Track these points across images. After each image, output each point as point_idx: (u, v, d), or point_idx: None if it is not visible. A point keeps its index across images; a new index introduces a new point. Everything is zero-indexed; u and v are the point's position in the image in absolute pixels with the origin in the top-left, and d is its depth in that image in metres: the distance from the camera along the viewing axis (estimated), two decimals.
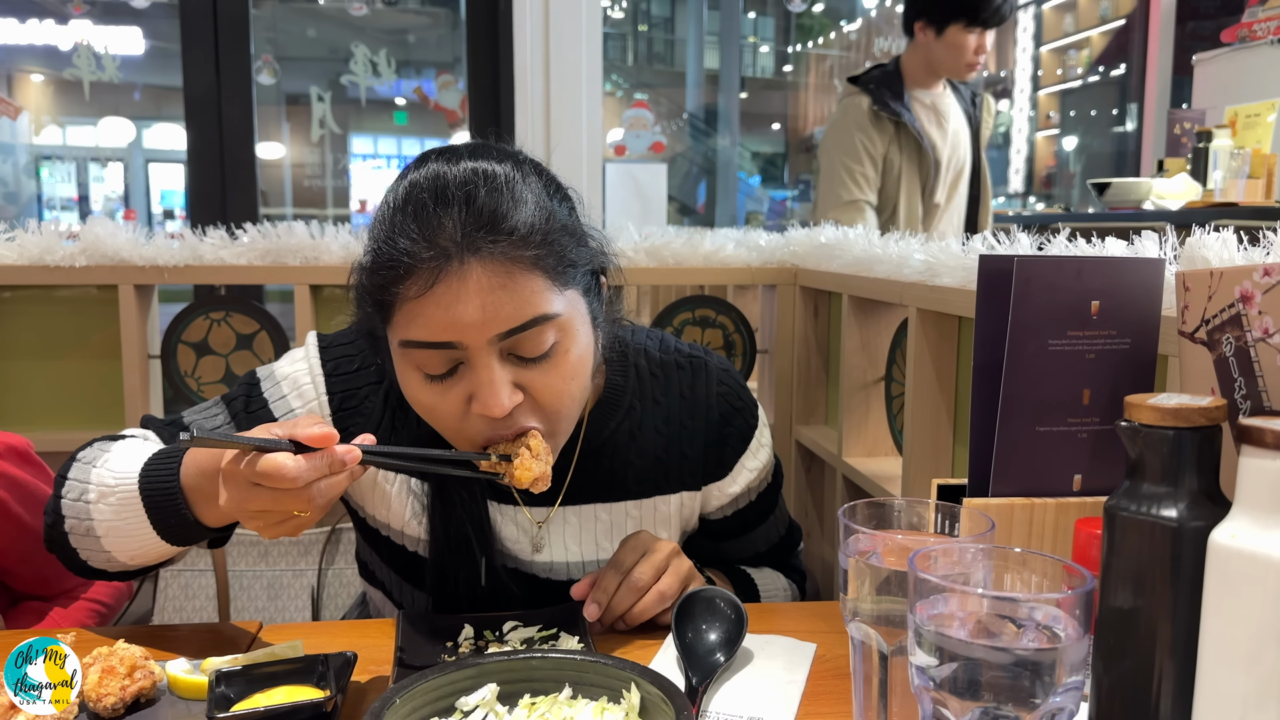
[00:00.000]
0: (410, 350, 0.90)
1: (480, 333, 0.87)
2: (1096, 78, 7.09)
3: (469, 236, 0.86)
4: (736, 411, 1.13)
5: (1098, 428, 0.80)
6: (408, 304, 0.87)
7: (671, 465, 1.11)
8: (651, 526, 1.12)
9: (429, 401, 0.92)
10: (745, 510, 1.18)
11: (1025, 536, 0.79)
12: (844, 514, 0.73)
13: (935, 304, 1.32)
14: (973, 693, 0.60)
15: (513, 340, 0.88)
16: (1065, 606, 0.59)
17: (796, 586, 1.26)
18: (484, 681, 0.78)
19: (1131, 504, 0.62)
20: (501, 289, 0.86)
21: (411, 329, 0.88)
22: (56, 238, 1.81)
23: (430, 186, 0.88)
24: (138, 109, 5.17)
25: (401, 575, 1.13)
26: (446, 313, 0.86)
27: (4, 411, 1.92)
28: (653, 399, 1.11)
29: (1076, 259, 0.78)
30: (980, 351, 0.80)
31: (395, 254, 0.87)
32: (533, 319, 0.88)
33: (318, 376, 1.07)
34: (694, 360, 1.14)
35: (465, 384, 0.90)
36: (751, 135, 8.58)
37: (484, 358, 0.88)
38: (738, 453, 1.14)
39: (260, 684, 0.82)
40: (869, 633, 0.71)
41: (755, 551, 1.23)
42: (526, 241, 0.88)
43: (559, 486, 1.08)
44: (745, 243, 2.04)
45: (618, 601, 0.99)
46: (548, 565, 1.10)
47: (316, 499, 0.79)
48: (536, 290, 0.88)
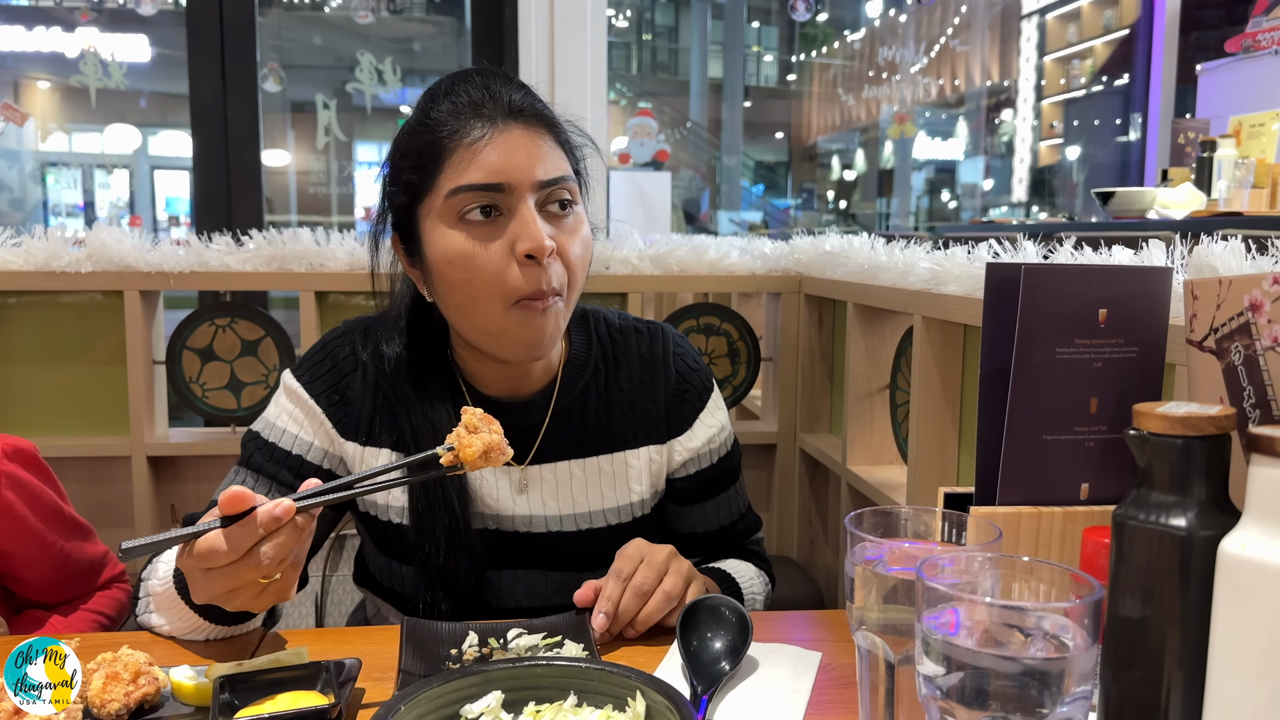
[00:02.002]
0: (459, 197, 1.02)
1: (527, 175, 1.02)
2: (1100, 87, 7.09)
3: (514, 104, 1.05)
4: (693, 371, 1.24)
5: (1105, 436, 0.80)
6: (462, 150, 1.03)
7: (637, 420, 1.20)
8: (624, 480, 1.19)
9: (471, 250, 1.02)
10: (707, 472, 1.25)
11: (1032, 545, 0.79)
12: (850, 522, 0.72)
13: (940, 312, 1.32)
14: (980, 702, 0.59)
15: (548, 191, 1.04)
16: (1073, 616, 0.59)
17: (766, 575, 1.30)
18: (489, 689, 0.78)
19: (1140, 513, 0.61)
20: (538, 147, 1.04)
21: (467, 173, 1.02)
22: (63, 244, 1.82)
23: (475, 82, 1.07)
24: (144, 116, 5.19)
25: (390, 554, 1.18)
26: (499, 155, 1.02)
27: (9, 416, 1.92)
28: (614, 360, 1.21)
29: (1084, 267, 0.78)
30: (987, 359, 0.80)
31: (450, 121, 1.04)
32: (563, 175, 1.06)
33: (303, 394, 1.15)
34: (650, 326, 1.25)
35: (507, 232, 1.02)
36: (755, 144, 8.59)
37: (527, 201, 1.03)
38: (696, 409, 1.23)
39: (264, 690, 0.82)
40: (875, 641, 0.71)
41: (719, 524, 1.28)
42: (541, 119, 1.06)
43: (533, 442, 1.16)
44: (750, 250, 2.04)
45: (624, 608, 1.00)
46: (527, 519, 1.16)
47: (267, 563, 0.81)
48: (561, 156, 1.07)
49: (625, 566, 1.02)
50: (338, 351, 1.17)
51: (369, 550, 1.24)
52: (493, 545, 1.16)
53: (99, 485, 1.93)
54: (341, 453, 1.15)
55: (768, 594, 1.29)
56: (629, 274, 1.97)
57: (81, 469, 1.89)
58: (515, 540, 1.17)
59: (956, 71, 7.59)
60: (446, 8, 5.31)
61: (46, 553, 1.18)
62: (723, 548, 1.30)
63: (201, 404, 1.93)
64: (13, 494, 1.14)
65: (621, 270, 1.97)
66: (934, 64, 7.31)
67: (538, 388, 1.17)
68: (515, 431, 1.13)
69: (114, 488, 1.93)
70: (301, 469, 1.13)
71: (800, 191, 8.87)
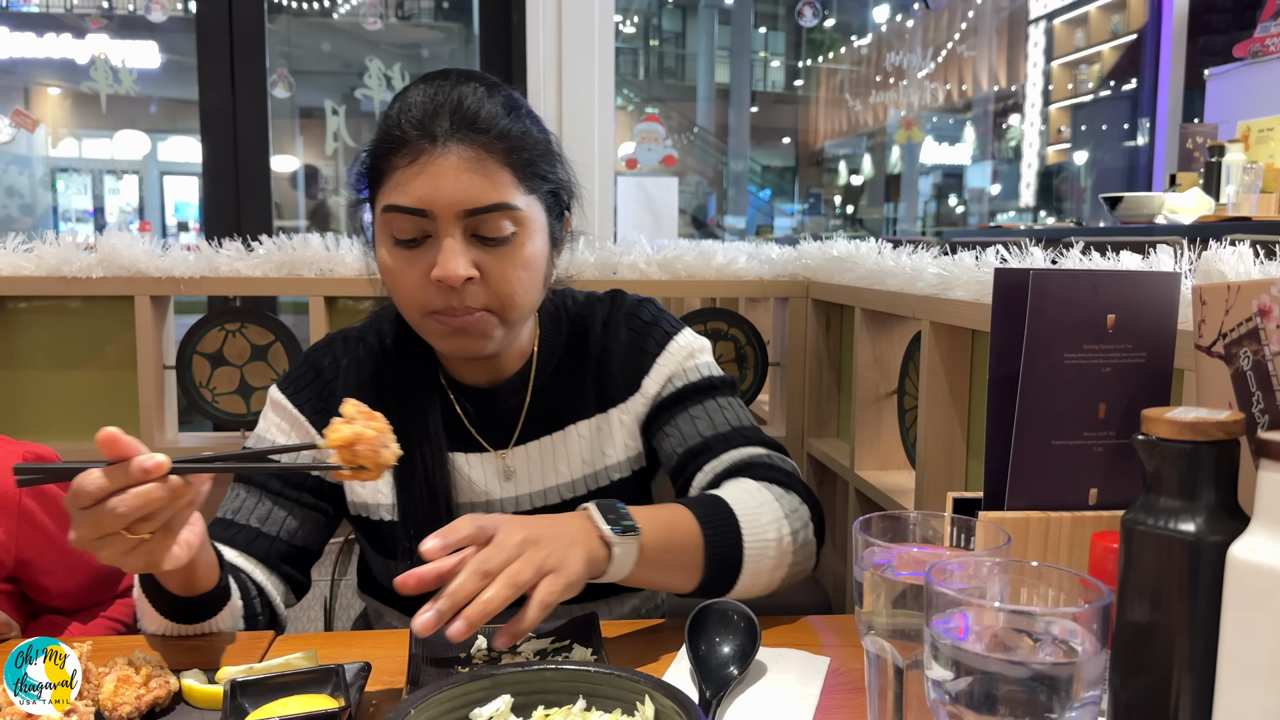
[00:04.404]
0: (390, 215, 1.04)
1: (449, 205, 1.02)
2: (1108, 92, 7.09)
3: (455, 127, 1.03)
4: (647, 324, 1.23)
5: (1113, 441, 0.80)
6: (396, 173, 1.03)
7: (604, 385, 1.21)
8: (611, 441, 1.20)
9: (397, 267, 1.05)
10: (681, 391, 1.19)
11: (1041, 550, 0.79)
12: (859, 527, 0.73)
13: (948, 317, 1.32)
14: (989, 707, 0.59)
15: (476, 220, 1.03)
16: (1082, 621, 0.59)
17: (797, 500, 1.10)
18: (498, 693, 0.78)
19: (1149, 518, 0.62)
20: (473, 173, 1.02)
21: (395, 195, 1.03)
22: (74, 249, 1.83)
23: (431, 89, 1.06)
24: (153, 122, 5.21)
25: (385, 554, 1.19)
26: (427, 182, 1.01)
27: (21, 421, 1.93)
28: (582, 334, 1.23)
29: (1092, 273, 0.78)
30: (996, 365, 0.80)
31: (395, 132, 1.04)
32: (496, 204, 1.03)
33: (288, 405, 1.18)
34: (611, 294, 1.26)
35: (430, 255, 1.03)
36: (762, 149, 8.60)
37: (449, 229, 1.02)
38: (653, 355, 1.21)
39: (274, 693, 0.82)
40: (884, 646, 0.71)
41: (700, 436, 1.16)
42: (502, 139, 1.04)
43: (516, 424, 1.18)
44: (757, 255, 2.04)
45: (456, 587, 0.84)
46: (514, 500, 1.19)
47: (126, 513, 0.79)
48: (504, 183, 1.04)
49: (465, 536, 0.88)
50: (320, 362, 1.20)
51: (369, 554, 1.25)
52: None
53: None
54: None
55: (799, 525, 1.07)
56: (636, 279, 1.98)
57: None
58: None
59: (964, 77, 7.59)
60: (455, 14, 5.33)
61: (66, 560, 1.18)
62: (725, 473, 1.13)
63: (211, 408, 1.94)
64: (33, 501, 1.14)
65: (629, 275, 1.98)
66: (941, 69, 7.31)
67: (513, 371, 1.19)
68: (498, 416, 1.19)
69: None
70: (292, 478, 1.15)
71: (807, 197, 8.87)
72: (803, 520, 1.09)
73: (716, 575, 1.02)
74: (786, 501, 1.08)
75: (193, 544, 0.89)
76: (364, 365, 1.19)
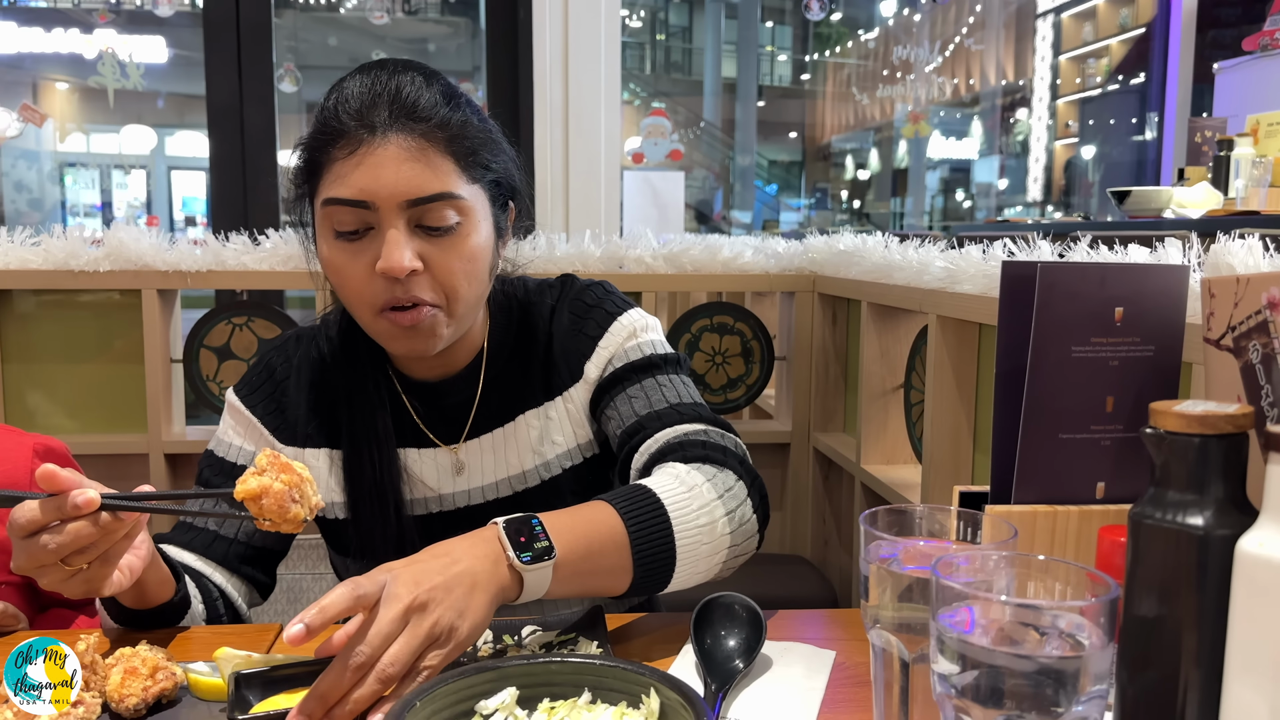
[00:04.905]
0: (331, 209, 1.02)
1: (391, 196, 1.00)
2: (1116, 86, 7.06)
3: (394, 116, 1.00)
4: (590, 306, 1.20)
5: (1121, 435, 0.80)
6: (335, 165, 1.01)
7: (550, 372, 1.19)
8: (560, 429, 1.18)
9: (340, 261, 1.03)
10: (620, 371, 1.15)
11: (1048, 544, 0.79)
12: (865, 520, 0.72)
13: (955, 311, 1.32)
14: (995, 701, 0.59)
15: (419, 210, 1.01)
16: (1089, 614, 0.59)
17: (733, 474, 1.04)
18: (503, 685, 0.78)
19: (1156, 511, 0.61)
20: (415, 162, 1.00)
21: (335, 187, 1.01)
22: (81, 243, 1.83)
23: (368, 79, 1.03)
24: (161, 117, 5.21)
25: (339, 550, 1.20)
26: (365, 174, 0.99)
27: (29, 414, 1.94)
28: (531, 323, 1.20)
29: (1100, 265, 0.78)
30: (1003, 358, 0.80)
31: (332, 123, 1.01)
32: (439, 193, 1.01)
33: (241, 408, 1.18)
34: (562, 279, 1.24)
35: (373, 248, 1.01)
36: (768, 143, 8.58)
37: (392, 220, 1.00)
38: (594, 338, 1.18)
39: (280, 685, 0.82)
40: (890, 640, 0.71)
41: (635, 415, 1.12)
42: (443, 128, 1.02)
43: (466, 419, 1.17)
44: (763, 250, 2.04)
45: (325, 689, 0.77)
46: (466, 494, 1.18)
47: (57, 549, 0.81)
48: (446, 172, 1.02)
49: (341, 610, 0.79)
50: (273, 362, 1.20)
51: (331, 555, 1.25)
52: (436, 526, 1.17)
53: (117, 482, 1.92)
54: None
55: (734, 505, 1.01)
56: (643, 273, 1.97)
57: (100, 466, 1.91)
58: (457, 517, 1.18)
59: (971, 71, 7.57)
60: (461, 8, 5.32)
61: None
62: (658, 453, 1.08)
63: (218, 402, 1.94)
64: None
65: (635, 270, 1.98)
66: (949, 63, 7.29)
67: (463, 365, 1.17)
68: (448, 410, 1.18)
69: (132, 484, 1.92)
70: None
71: (814, 191, 8.85)
72: (738, 500, 1.02)
73: (648, 572, 0.96)
74: (720, 481, 1.01)
75: (135, 568, 0.91)
76: (314, 364, 1.18)
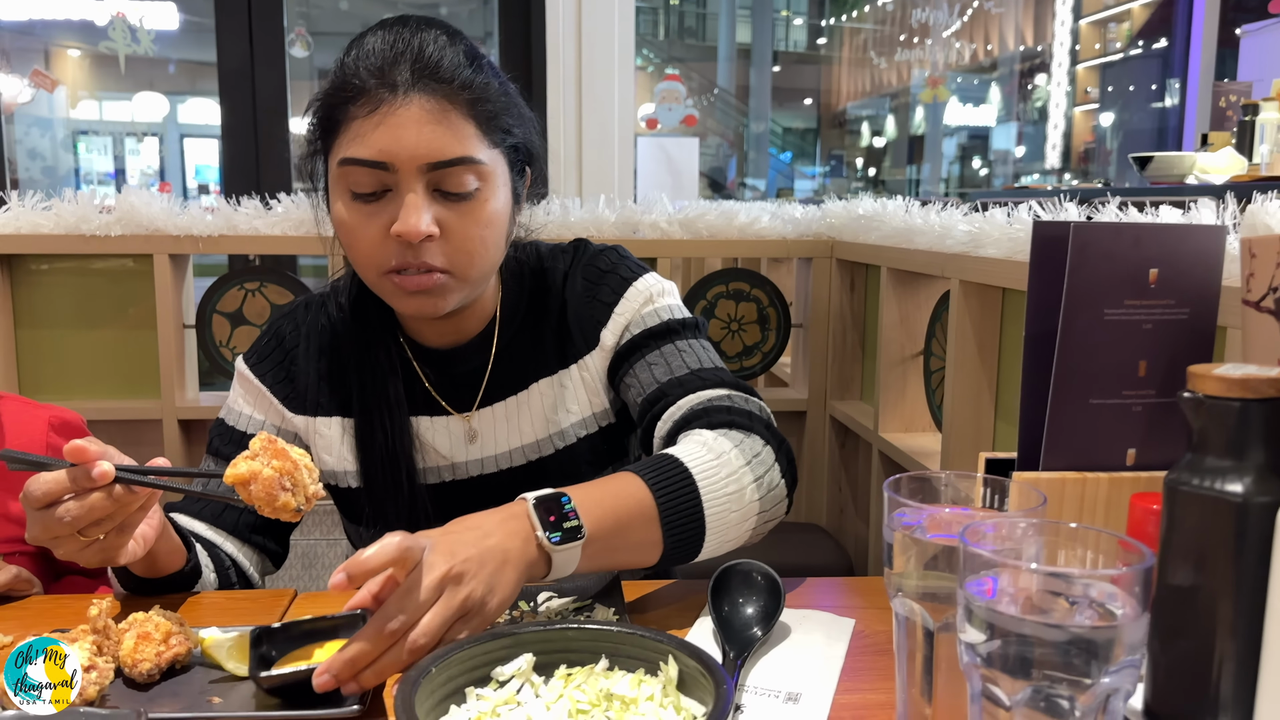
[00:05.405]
0: (347, 169, 0.99)
1: (412, 159, 0.97)
2: (1137, 51, 6.95)
3: (417, 75, 0.98)
4: (604, 272, 1.17)
5: (1154, 400, 0.78)
6: (354, 123, 0.98)
7: (564, 339, 1.17)
8: (574, 398, 1.16)
9: (354, 222, 1.01)
10: (636, 338, 1.13)
11: (1076, 511, 0.77)
12: (889, 486, 0.71)
13: (979, 275, 1.29)
14: (1024, 671, 0.58)
15: (439, 174, 0.99)
16: (1123, 584, 0.57)
17: (760, 439, 1.02)
18: (519, 651, 0.77)
19: (1193, 478, 0.59)
20: (436, 124, 0.98)
21: (353, 147, 0.98)
22: (92, 207, 1.82)
23: (390, 35, 1.01)
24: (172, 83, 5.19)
25: (351, 519, 1.19)
26: (387, 133, 0.97)
27: (42, 381, 1.93)
28: (544, 289, 1.18)
29: (1135, 225, 0.75)
30: (1033, 321, 0.77)
31: (352, 80, 0.99)
32: (460, 157, 0.99)
33: (250, 377, 1.17)
34: (575, 244, 1.21)
35: (390, 210, 0.99)
36: (783, 110, 8.50)
37: (411, 183, 0.98)
38: (610, 304, 1.15)
39: (301, 641, 0.81)
40: (914, 608, 0.69)
41: (656, 383, 1.10)
42: (465, 90, 0.99)
43: (479, 387, 1.15)
44: (780, 215, 2.02)
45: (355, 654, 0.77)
46: (479, 463, 1.16)
47: (72, 521, 0.82)
48: (467, 135, 1.00)
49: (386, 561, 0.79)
50: (282, 329, 1.18)
51: (344, 522, 1.24)
52: (449, 495, 1.16)
53: (130, 448, 1.92)
54: (293, 428, 1.16)
55: (762, 471, 1.00)
56: (658, 239, 1.95)
57: (113, 432, 1.91)
58: (470, 486, 1.16)
59: (990, 35, 7.46)
60: None
61: None
62: (682, 420, 1.06)
63: (231, 368, 1.93)
64: None
65: (650, 235, 1.95)
66: (967, 27, 7.19)
67: (475, 333, 1.15)
68: (460, 378, 1.16)
69: (145, 450, 1.93)
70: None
71: (829, 159, 8.78)
72: (766, 465, 1.00)
73: (677, 543, 0.95)
74: (747, 447, 1.00)
75: (148, 538, 0.91)
76: (324, 331, 1.16)
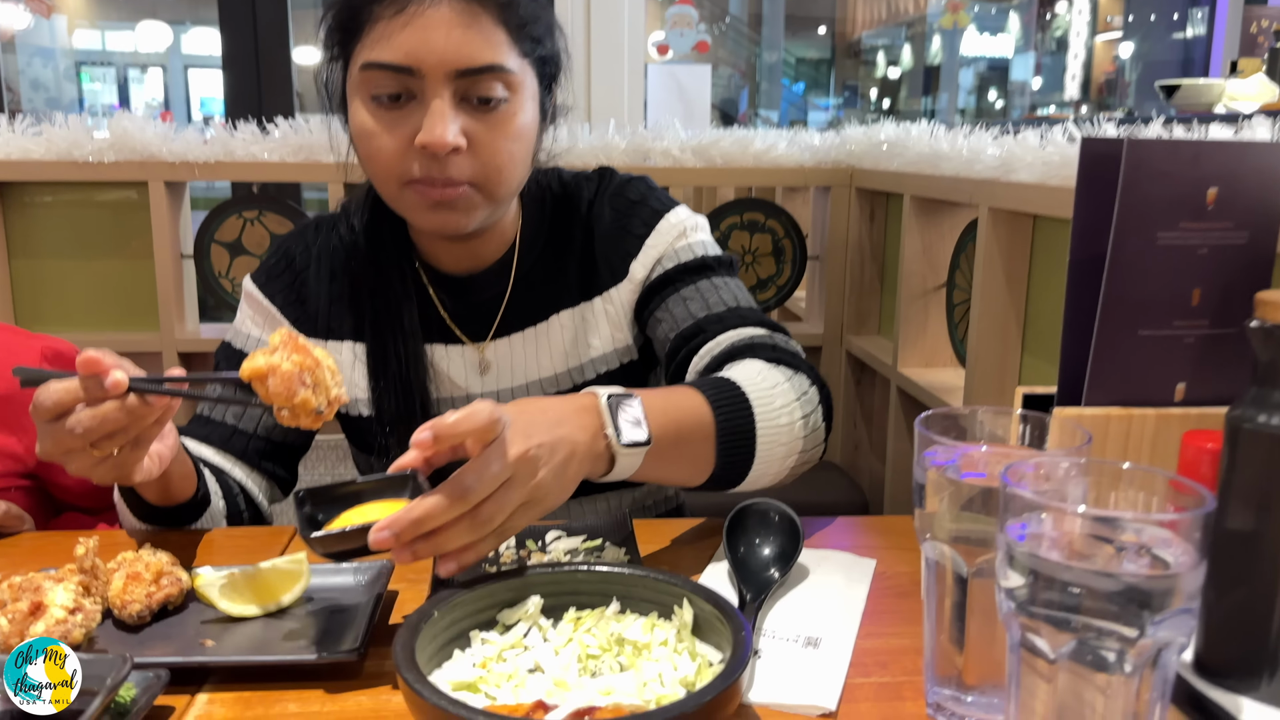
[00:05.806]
0: (370, 74, 0.95)
1: (440, 64, 0.93)
2: None
3: None
4: (633, 203, 1.12)
5: (1207, 331, 0.72)
6: (379, 24, 0.94)
7: (587, 271, 1.12)
8: (596, 331, 1.12)
9: (374, 130, 0.96)
10: (670, 273, 1.09)
11: (1121, 450, 0.72)
12: (920, 424, 0.66)
13: (1009, 202, 1.23)
14: (1069, 623, 0.53)
15: (467, 82, 0.94)
16: (1179, 529, 0.52)
17: (806, 383, 0.99)
18: (527, 594, 0.74)
19: (1259, 414, 0.55)
20: (467, 29, 0.93)
21: (377, 49, 0.94)
22: (85, 131, 1.76)
23: None
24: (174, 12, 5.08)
25: (362, 448, 1.16)
26: (414, 36, 0.92)
27: (40, 312, 1.89)
28: (567, 217, 1.13)
29: (1193, 143, 0.69)
30: (1078, 246, 0.72)
31: None
32: (490, 64, 0.94)
33: (259, 297, 1.13)
34: (601, 171, 1.17)
35: (414, 118, 0.95)
36: (796, 40, 8.30)
37: (437, 90, 0.94)
38: (641, 237, 1.11)
39: (347, 502, 0.76)
40: (945, 552, 0.65)
41: (693, 318, 1.06)
42: None
43: (495, 316, 1.11)
44: (797, 142, 1.94)
45: (444, 540, 0.71)
46: (494, 395, 1.12)
47: (84, 433, 0.77)
48: (499, 42, 0.95)
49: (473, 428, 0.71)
50: (292, 250, 1.14)
51: (354, 453, 1.20)
52: None
53: None
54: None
55: (809, 410, 0.97)
56: (669, 166, 1.88)
57: None
58: None
59: None
60: None
61: None
62: (723, 355, 1.03)
63: (231, 299, 1.89)
64: None
65: (661, 163, 1.89)
66: None
67: (494, 259, 1.11)
68: (477, 306, 1.11)
69: None
70: None
71: (843, 90, 8.61)
72: (812, 404, 0.98)
73: (726, 465, 0.91)
74: (797, 383, 0.97)
75: (164, 457, 0.87)
76: (336, 253, 1.12)
